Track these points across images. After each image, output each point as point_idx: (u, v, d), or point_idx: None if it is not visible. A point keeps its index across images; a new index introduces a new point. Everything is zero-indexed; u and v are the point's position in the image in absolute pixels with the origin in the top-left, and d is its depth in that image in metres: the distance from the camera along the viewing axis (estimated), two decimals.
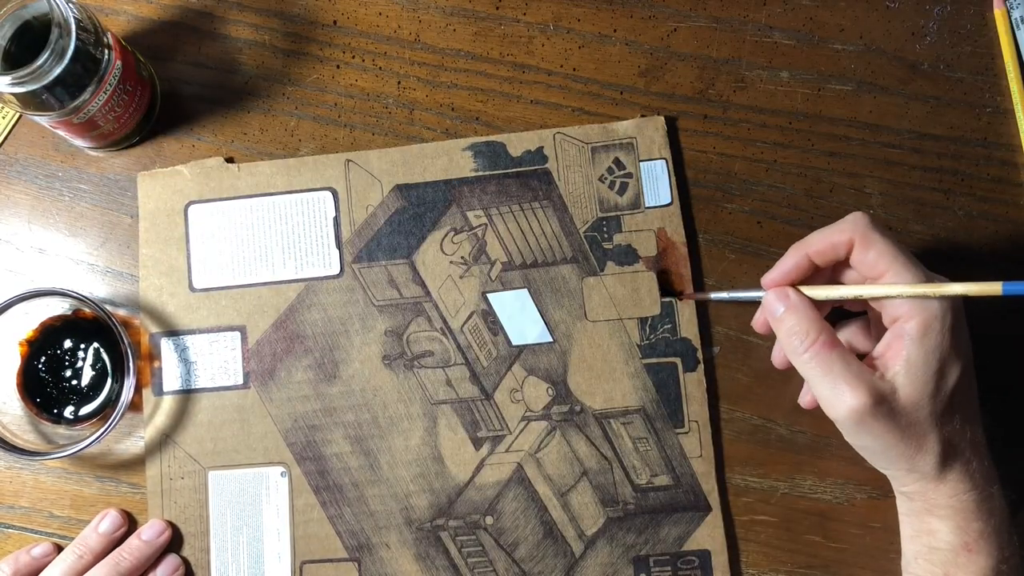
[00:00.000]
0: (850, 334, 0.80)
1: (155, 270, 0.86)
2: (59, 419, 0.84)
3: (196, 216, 0.86)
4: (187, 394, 0.85)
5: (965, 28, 0.89)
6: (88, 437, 0.80)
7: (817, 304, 0.73)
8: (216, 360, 0.85)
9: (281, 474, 0.84)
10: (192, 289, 0.86)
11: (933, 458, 0.69)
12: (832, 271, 0.76)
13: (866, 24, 0.89)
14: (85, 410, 0.84)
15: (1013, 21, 0.88)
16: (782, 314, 0.72)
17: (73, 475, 0.86)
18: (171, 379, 0.85)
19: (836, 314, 0.82)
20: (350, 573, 0.83)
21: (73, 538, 0.83)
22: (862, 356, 0.72)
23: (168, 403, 0.85)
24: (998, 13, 0.88)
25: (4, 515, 0.86)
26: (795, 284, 0.74)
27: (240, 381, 0.85)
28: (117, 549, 0.82)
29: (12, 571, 0.82)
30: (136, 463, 0.85)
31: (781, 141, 0.88)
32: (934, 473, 0.70)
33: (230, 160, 0.88)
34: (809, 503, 0.85)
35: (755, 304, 0.78)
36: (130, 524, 0.85)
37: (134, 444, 0.86)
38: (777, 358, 0.82)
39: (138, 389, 0.85)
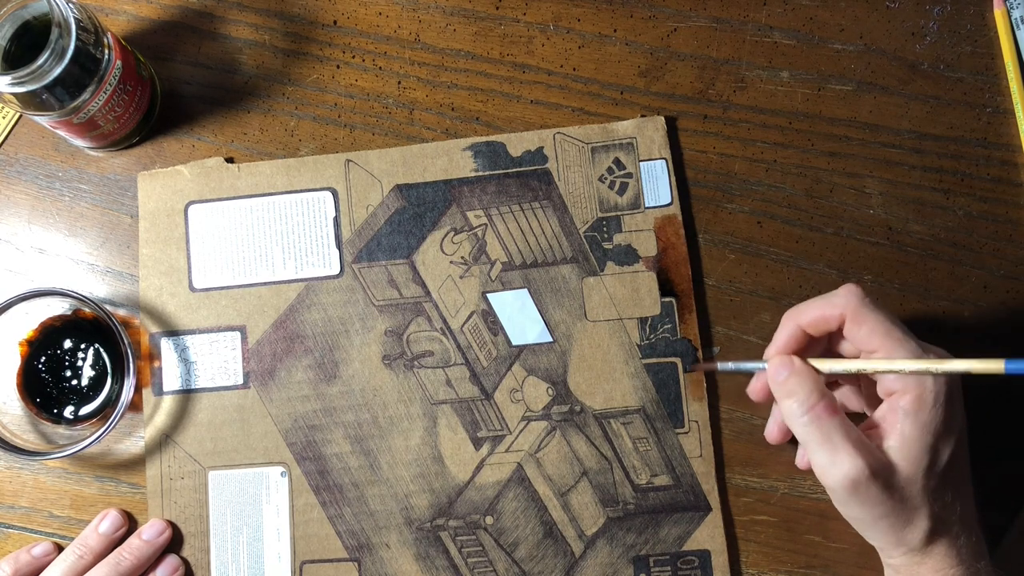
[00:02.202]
0: (841, 395, 0.80)
1: (155, 270, 0.86)
2: (59, 419, 0.84)
3: (196, 216, 0.86)
4: (187, 394, 0.85)
5: (965, 28, 0.89)
6: (88, 437, 0.80)
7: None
8: (216, 360, 0.85)
9: (281, 474, 0.84)
10: (192, 289, 0.86)
11: (921, 533, 0.69)
12: (828, 340, 0.76)
13: (866, 24, 0.89)
14: (85, 410, 0.84)
15: (1013, 21, 0.88)
16: (784, 378, 0.71)
17: (73, 475, 0.86)
18: (171, 379, 0.85)
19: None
20: (350, 573, 0.83)
21: (73, 538, 0.83)
22: (853, 417, 0.73)
23: (168, 403, 0.85)
24: (998, 13, 0.88)
25: (4, 515, 0.86)
26: (796, 355, 0.74)
27: (240, 381, 0.85)
28: (118, 549, 0.82)
29: (12, 571, 0.82)
30: (136, 463, 0.85)
31: (781, 141, 0.88)
32: (920, 547, 0.70)
33: (230, 160, 0.88)
34: (809, 503, 0.85)
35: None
36: (130, 524, 0.85)
37: (134, 444, 0.86)
38: (771, 433, 0.81)
39: (138, 389, 0.85)
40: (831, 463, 0.68)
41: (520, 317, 0.85)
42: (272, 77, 0.90)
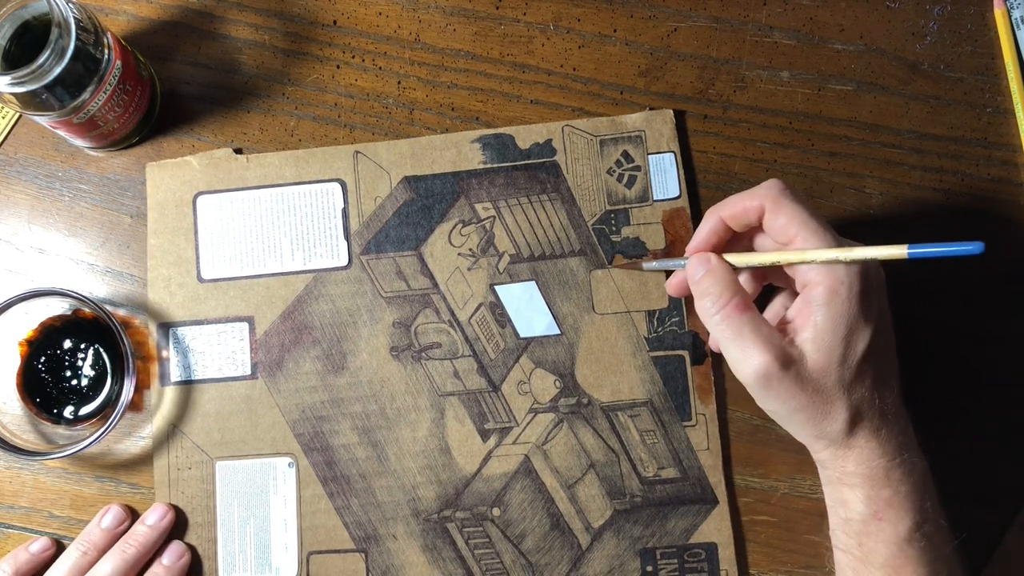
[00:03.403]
0: (777, 304, 0.80)
1: (163, 260, 0.86)
2: (59, 419, 0.84)
3: (205, 207, 0.86)
4: (195, 384, 0.85)
5: (965, 28, 0.90)
6: (88, 437, 0.80)
7: (743, 275, 0.75)
8: (224, 350, 0.85)
9: (289, 465, 0.84)
10: (200, 280, 0.86)
11: (840, 424, 0.69)
12: (749, 240, 0.77)
13: (866, 24, 0.90)
14: (85, 410, 0.84)
15: (1013, 21, 0.89)
16: (700, 276, 0.72)
17: (73, 475, 0.86)
18: (179, 369, 0.85)
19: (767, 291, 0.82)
20: (357, 564, 0.83)
21: (73, 538, 0.83)
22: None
23: (176, 393, 0.85)
24: (998, 13, 0.89)
25: (4, 515, 0.85)
26: (716, 251, 0.74)
27: (248, 372, 0.85)
28: (122, 538, 0.81)
29: (13, 570, 0.81)
30: (136, 463, 0.85)
31: (781, 141, 0.89)
32: (841, 439, 0.70)
33: (238, 151, 0.88)
34: (809, 503, 0.85)
35: None
36: (133, 519, 0.84)
37: (134, 444, 0.85)
38: (671, 285, 0.82)
39: (138, 389, 0.85)
40: (742, 358, 0.69)
41: (528, 309, 0.85)
42: (272, 77, 0.90)
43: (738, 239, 0.76)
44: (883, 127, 0.89)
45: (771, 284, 0.80)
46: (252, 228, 0.86)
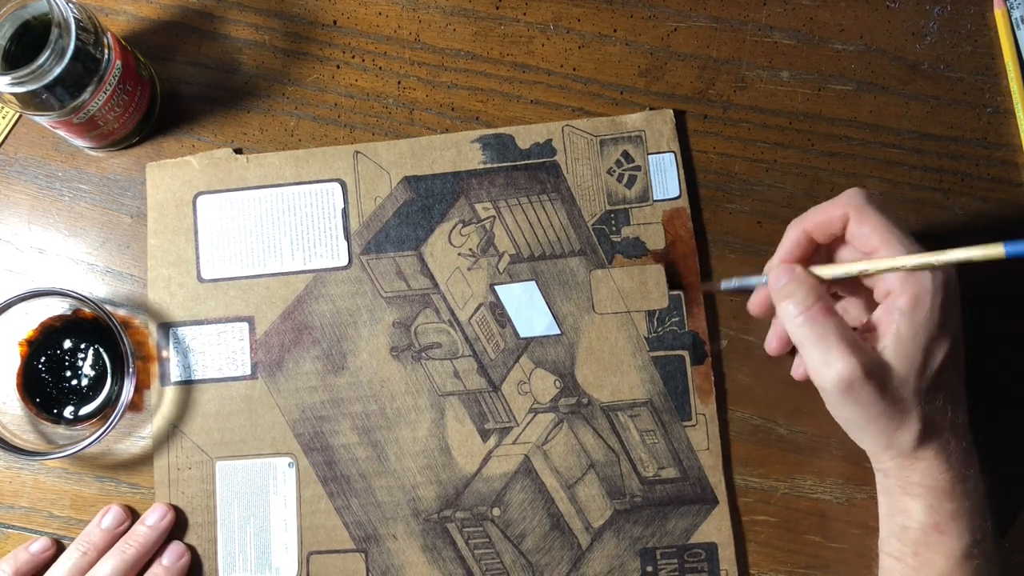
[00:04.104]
0: (845, 307, 0.80)
1: (163, 260, 0.86)
2: (59, 419, 0.84)
3: (205, 207, 0.86)
4: (195, 384, 0.85)
5: (965, 28, 0.90)
6: (88, 437, 0.80)
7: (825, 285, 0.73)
8: (224, 350, 0.85)
9: (289, 464, 0.84)
10: (200, 279, 0.86)
11: (912, 435, 0.69)
12: (829, 252, 0.76)
13: (866, 24, 0.90)
14: (85, 410, 0.84)
15: (1013, 21, 0.89)
16: (783, 284, 0.71)
17: (73, 475, 0.86)
18: (179, 369, 0.85)
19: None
20: (357, 564, 0.83)
21: (73, 538, 0.83)
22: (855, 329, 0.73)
23: (176, 393, 0.85)
24: (998, 13, 0.89)
25: (4, 515, 0.85)
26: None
27: (248, 372, 0.85)
28: (122, 538, 0.81)
29: (13, 570, 0.81)
30: (136, 463, 0.85)
31: (781, 141, 0.89)
32: (911, 450, 0.70)
33: (239, 151, 0.88)
34: (809, 503, 0.85)
35: None
36: (133, 519, 0.84)
37: (134, 444, 0.85)
38: (770, 344, 0.81)
39: (138, 389, 0.85)
40: (825, 363, 0.68)
41: (528, 309, 0.85)
42: (272, 77, 0.90)
43: (817, 254, 0.76)
44: (883, 127, 0.89)
45: (837, 293, 0.80)
46: (252, 228, 0.86)
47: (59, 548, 0.84)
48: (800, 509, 0.85)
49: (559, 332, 0.85)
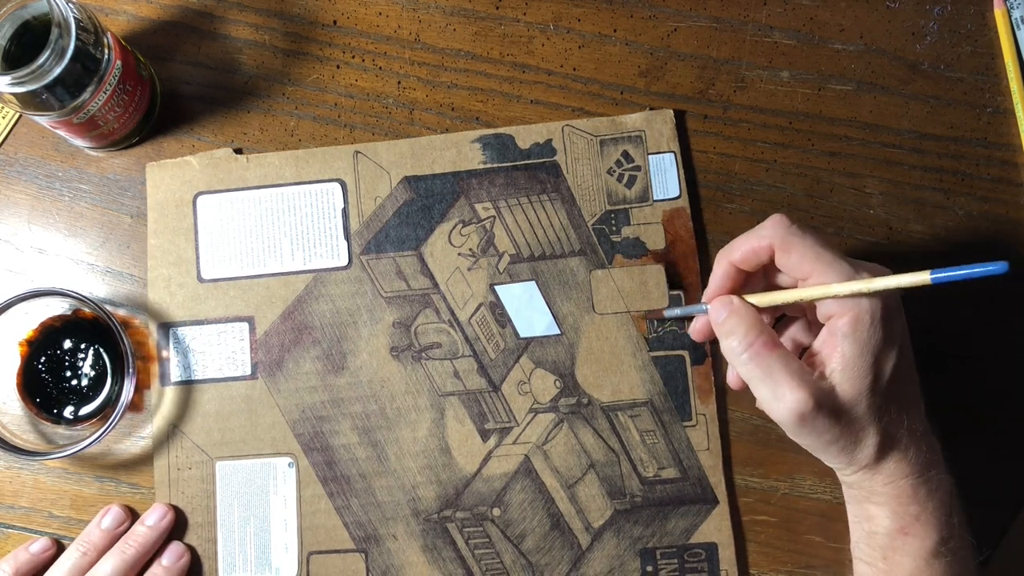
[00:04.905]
0: (792, 332, 0.80)
1: (163, 260, 0.86)
2: (59, 419, 0.84)
3: (205, 207, 0.86)
4: (195, 384, 0.85)
5: (965, 28, 0.90)
6: (88, 437, 0.80)
7: (761, 312, 0.73)
8: (224, 350, 0.85)
9: (289, 465, 0.84)
10: (200, 280, 0.86)
11: (871, 450, 0.69)
12: (765, 275, 0.77)
13: (866, 24, 0.90)
14: (85, 410, 0.84)
15: (1013, 21, 0.89)
16: (724, 318, 0.72)
17: (73, 475, 0.86)
18: (179, 369, 0.85)
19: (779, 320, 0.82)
20: (357, 564, 0.83)
21: (74, 538, 0.83)
22: (803, 353, 0.74)
23: (176, 393, 0.85)
24: (998, 13, 0.89)
25: (4, 515, 0.85)
26: (733, 293, 0.74)
27: (248, 372, 0.85)
28: (122, 538, 0.81)
29: (13, 570, 0.81)
30: (136, 463, 0.85)
31: (781, 141, 0.89)
32: (872, 463, 0.70)
33: (239, 151, 0.87)
34: (809, 503, 0.85)
35: None
36: (132, 519, 0.84)
37: (134, 444, 0.85)
38: (732, 378, 0.80)
39: (138, 389, 0.85)
40: (774, 398, 0.68)
41: (528, 309, 0.85)
42: (272, 77, 0.90)
43: (753, 277, 0.76)
44: (883, 127, 0.89)
45: (783, 314, 0.80)
46: (252, 228, 0.86)
47: (59, 548, 0.84)
48: (800, 509, 0.85)
49: (559, 332, 0.85)
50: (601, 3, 0.90)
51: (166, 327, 0.85)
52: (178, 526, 0.84)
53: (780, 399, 0.68)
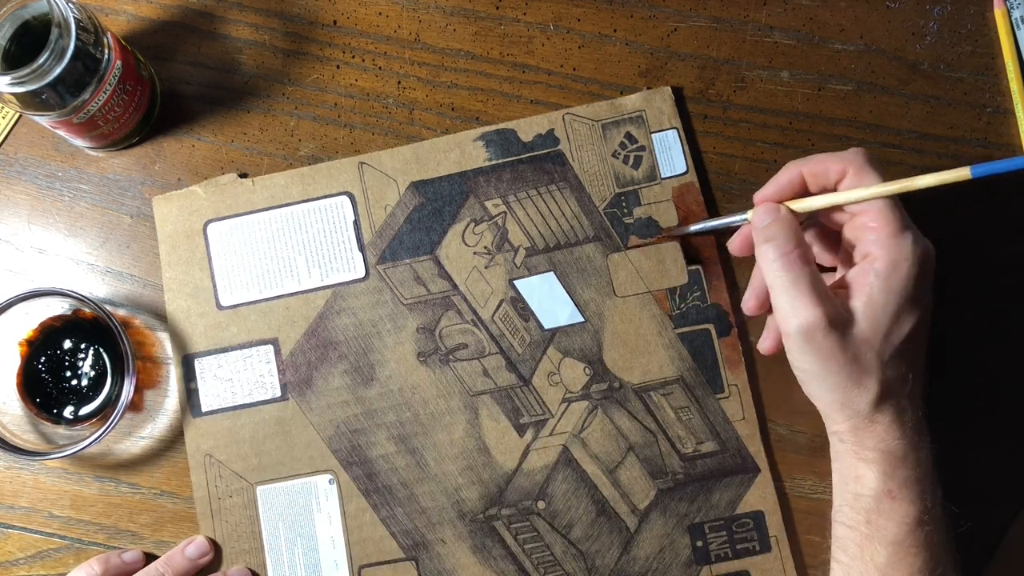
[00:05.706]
0: (817, 249, 0.80)
1: (180, 292, 0.86)
2: (59, 419, 0.84)
3: (216, 234, 0.86)
4: (226, 412, 0.84)
5: (965, 28, 0.90)
6: (88, 437, 0.80)
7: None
8: (252, 375, 0.85)
9: (329, 481, 0.83)
10: (220, 307, 0.85)
11: (869, 396, 0.69)
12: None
13: (866, 24, 0.90)
14: (85, 410, 0.84)
15: (1013, 21, 0.90)
16: (767, 224, 0.71)
17: (73, 475, 0.86)
18: (209, 399, 0.85)
19: None
20: (409, 572, 0.83)
21: (73, 538, 0.85)
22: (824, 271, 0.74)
23: (208, 424, 0.84)
24: (998, 13, 0.90)
25: (4, 515, 0.85)
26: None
27: (278, 393, 0.85)
28: (161, 559, 0.82)
29: (102, 571, 0.81)
30: (136, 463, 0.85)
31: (781, 141, 0.89)
32: (867, 412, 0.70)
33: (243, 175, 0.87)
34: (809, 503, 0.85)
35: None
36: (215, 551, 0.84)
37: (134, 444, 0.85)
38: (747, 303, 0.78)
39: (138, 389, 0.85)
40: (792, 308, 0.68)
41: (549, 300, 0.85)
42: (272, 77, 0.90)
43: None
44: (883, 127, 0.89)
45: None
46: (265, 250, 0.86)
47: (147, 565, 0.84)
48: (800, 509, 0.85)
49: (583, 319, 0.85)
50: (601, 3, 0.90)
51: (190, 358, 0.85)
52: (225, 555, 0.83)
53: (797, 310, 0.68)
